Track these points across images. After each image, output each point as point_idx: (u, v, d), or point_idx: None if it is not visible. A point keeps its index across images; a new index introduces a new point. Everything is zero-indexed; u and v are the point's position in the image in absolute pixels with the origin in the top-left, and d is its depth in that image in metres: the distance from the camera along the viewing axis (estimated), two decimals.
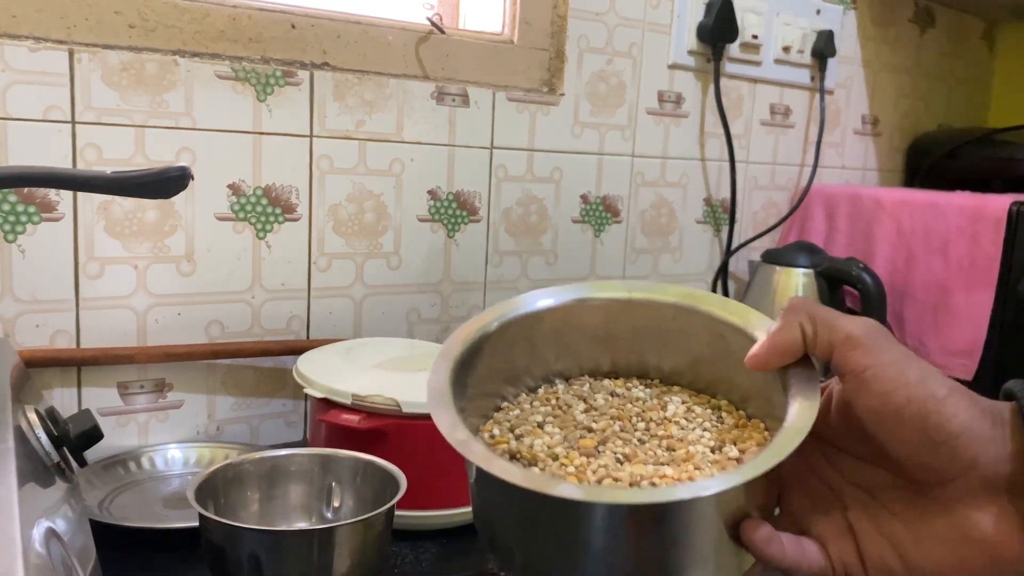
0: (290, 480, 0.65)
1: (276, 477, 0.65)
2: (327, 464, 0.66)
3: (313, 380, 0.73)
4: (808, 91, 1.30)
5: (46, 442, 0.51)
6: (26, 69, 0.74)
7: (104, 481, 0.76)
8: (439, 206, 0.98)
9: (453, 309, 1.01)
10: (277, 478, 0.65)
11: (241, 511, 0.63)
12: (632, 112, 1.12)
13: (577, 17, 1.04)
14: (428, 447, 0.69)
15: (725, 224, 1.24)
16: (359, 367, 0.76)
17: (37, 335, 0.77)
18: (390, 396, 0.69)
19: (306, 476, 0.66)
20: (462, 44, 0.96)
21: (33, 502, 0.42)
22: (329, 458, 0.66)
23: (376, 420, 0.69)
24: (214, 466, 0.62)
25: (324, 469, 0.66)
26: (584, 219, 1.10)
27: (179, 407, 0.86)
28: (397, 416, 0.69)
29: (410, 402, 0.69)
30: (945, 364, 1.07)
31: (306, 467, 0.66)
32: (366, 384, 0.71)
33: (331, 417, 0.69)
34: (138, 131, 0.79)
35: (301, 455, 0.66)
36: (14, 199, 0.75)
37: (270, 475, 0.65)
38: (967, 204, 1.06)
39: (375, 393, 0.69)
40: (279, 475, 0.65)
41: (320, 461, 0.66)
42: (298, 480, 0.66)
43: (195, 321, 0.85)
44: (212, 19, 0.81)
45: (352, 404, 0.69)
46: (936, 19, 1.47)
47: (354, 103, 0.90)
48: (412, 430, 0.69)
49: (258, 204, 0.86)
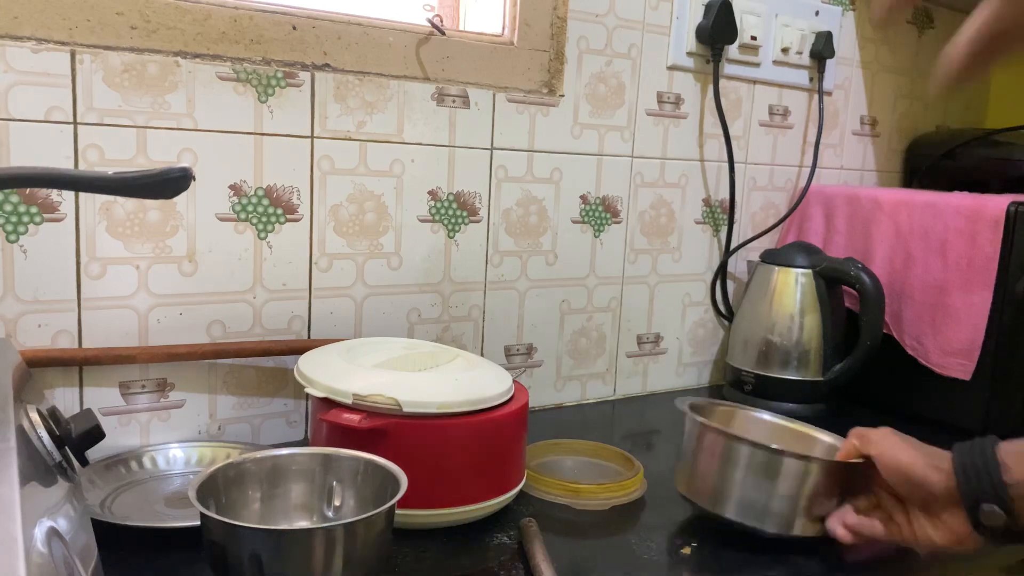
0: (291, 479, 0.66)
1: (277, 476, 0.65)
2: (328, 463, 0.66)
3: (314, 380, 0.73)
4: (807, 92, 1.30)
5: (48, 442, 0.51)
6: (28, 70, 0.74)
7: (106, 480, 0.77)
8: (439, 207, 0.98)
9: (453, 309, 1.01)
10: (278, 477, 0.65)
11: (242, 510, 0.63)
12: (631, 113, 1.12)
13: (577, 19, 1.04)
14: (428, 446, 0.70)
15: (724, 224, 1.24)
16: (359, 367, 0.76)
17: (39, 335, 0.78)
18: (391, 396, 0.69)
19: (307, 475, 0.66)
20: (462, 45, 0.97)
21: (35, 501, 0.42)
22: (330, 457, 0.66)
23: (377, 420, 0.69)
24: (215, 465, 0.62)
25: (325, 468, 0.66)
26: (584, 219, 1.10)
27: (180, 407, 0.86)
28: (398, 416, 0.69)
29: (411, 401, 0.69)
30: (943, 364, 1.07)
31: (307, 466, 0.66)
32: (367, 384, 0.71)
33: (332, 417, 0.69)
34: (140, 132, 0.80)
35: (302, 454, 0.67)
36: (16, 199, 0.75)
37: (271, 474, 0.65)
38: (965, 205, 1.06)
39: (376, 393, 0.70)
40: (280, 474, 0.65)
41: (321, 460, 0.66)
42: (299, 479, 0.66)
43: (196, 321, 0.85)
44: (213, 21, 0.81)
45: (353, 404, 0.70)
46: (935, 20, 1.47)
47: (355, 104, 0.90)
48: (412, 429, 0.69)
49: (259, 205, 0.87)
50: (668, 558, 0.71)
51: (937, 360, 1.08)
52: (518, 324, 1.07)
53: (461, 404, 0.71)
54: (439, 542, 0.71)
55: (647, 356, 1.20)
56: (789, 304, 1.12)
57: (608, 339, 1.16)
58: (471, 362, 0.82)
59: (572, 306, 1.11)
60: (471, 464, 0.72)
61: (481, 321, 1.04)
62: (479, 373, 0.78)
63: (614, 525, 0.77)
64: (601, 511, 0.79)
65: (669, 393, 1.22)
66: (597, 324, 1.14)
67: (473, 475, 0.72)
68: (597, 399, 1.16)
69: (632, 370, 1.19)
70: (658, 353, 1.21)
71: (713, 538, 0.74)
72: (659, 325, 1.21)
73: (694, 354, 1.25)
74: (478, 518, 0.74)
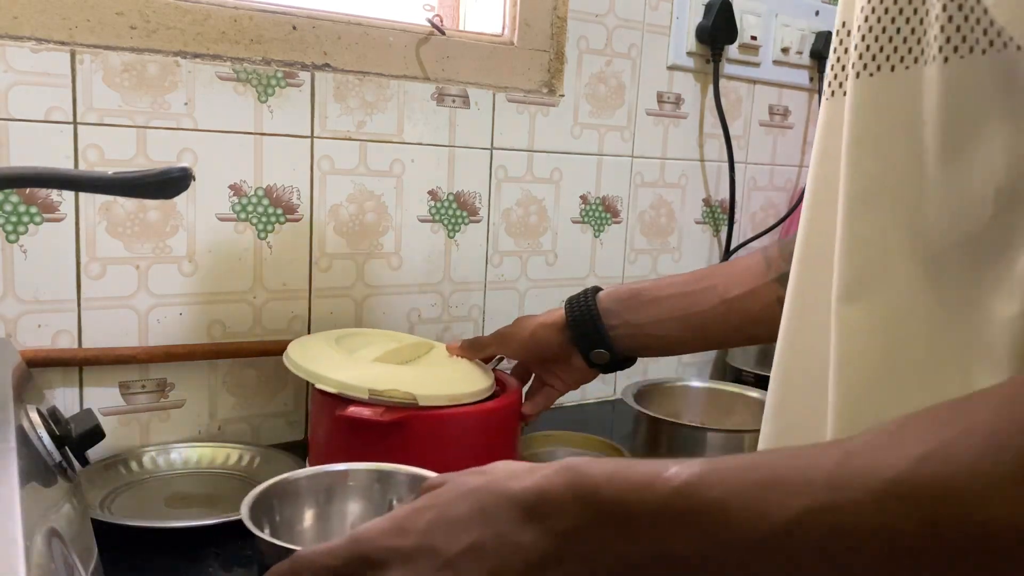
0: (348, 496, 0.64)
1: (332, 493, 0.64)
2: (386, 479, 0.65)
3: (323, 375, 0.73)
4: (807, 92, 1.30)
5: (48, 442, 0.51)
6: (28, 70, 0.74)
7: (106, 480, 0.77)
8: (439, 207, 0.98)
9: (453, 309, 1.01)
10: (333, 494, 0.64)
11: (297, 528, 0.61)
12: (631, 113, 1.12)
13: (577, 19, 1.04)
14: (442, 437, 0.72)
15: (724, 224, 1.24)
16: (361, 360, 0.77)
17: (39, 335, 0.78)
18: (407, 391, 0.71)
19: (364, 492, 0.65)
20: (462, 45, 0.97)
21: (35, 501, 0.42)
22: (387, 473, 0.65)
23: (395, 413, 0.70)
24: (267, 482, 0.61)
25: (383, 485, 0.65)
26: (584, 219, 1.10)
27: (180, 407, 0.86)
28: (413, 408, 0.71)
29: (427, 395, 0.71)
30: None
31: (364, 482, 0.65)
32: (379, 378, 0.72)
33: (352, 412, 0.69)
34: (140, 132, 0.80)
35: (358, 470, 0.65)
36: (16, 199, 0.75)
37: (328, 491, 0.64)
38: None
39: (392, 388, 0.70)
40: (336, 491, 0.64)
41: (378, 476, 0.65)
42: (356, 496, 0.65)
43: (196, 321, 0.85)
44: (213, 20, 0.81)
45: (370, 399, 0.70)
46: None
47: (355, 104, 0.90)
48: (426, 421, 0.72)
49: (259, 205, 0.87)
50: None
51: None
52: None
53: (472, 395, 0.75)
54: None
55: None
56: None
57: None
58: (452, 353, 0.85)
59: None
60: (478, 452, 0.75)
61: (481, 321, 1.04)
62: (465, 365, 0.82)
63: None
64: None
65: None
66: None
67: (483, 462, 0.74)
68: (597, 399, 1.16)
69: (632, 370, 1.19)
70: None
71: None
72: None
73: (694, 354, 1.25)
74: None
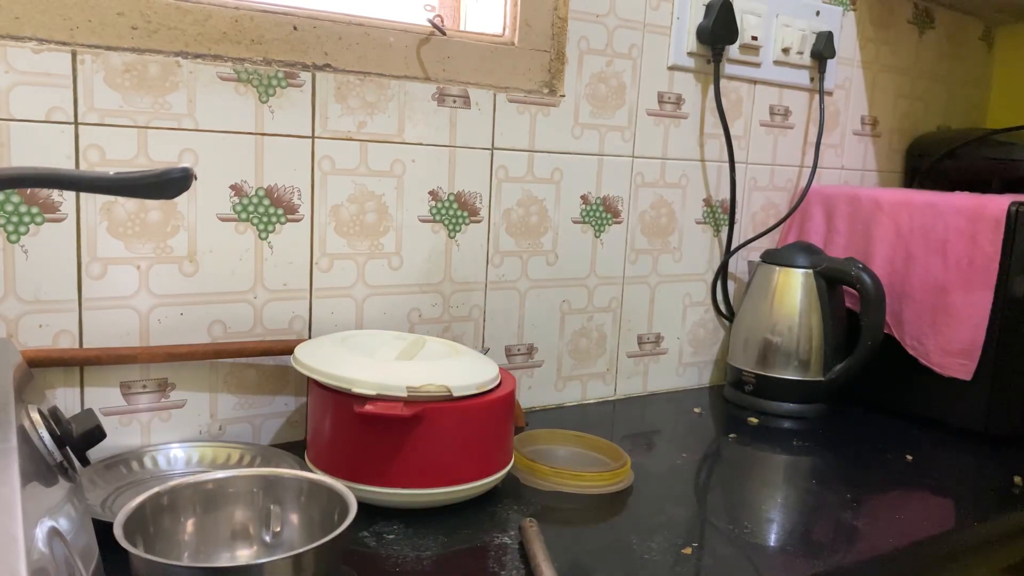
0: (229, 503, 0.62)
1: (210, 501, 0.61)
2: (268, 485, 0.63)
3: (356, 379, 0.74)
4: (807, 92, 1.30)
5: (49, 442, 0.52)
6: (29, 70, 0.74)
7: (107, 480, 0.77)
8: (440, 207, 0.98)
9: (454, 309, 1.01)
10: (211, 502, 0.61)
11: (174, 540, 0.59)
12: (632, 113, 1.12)
13: (577, 19, 1.04)
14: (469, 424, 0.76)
15: (725, 224, 1.24)
16: (381, 360, 0.79)
17: (40, 335, 0.78)
18: (442, 383, 0.74)
19: (245, 498, 0.62)
20: (463, 46, 0.97)
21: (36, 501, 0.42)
22: (268, 479, 0.63)
23: (419, 407, 0.73)
24: (144, 495, 0.58)
25: (264, 491, 0.63)
26: (584, 219, 1.10)
27: (181, 407, 0.86)
28: (447, 400, 0.74)
29: (460, 386, 0.75)
30: (944, 364, 1.07)
31: (244, 488, 0.62)
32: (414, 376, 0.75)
33: (382, 409, 0.71)
34: (141, 132, 0.80)
35: (238, 476, 0.63)
36: (17, 200, 0.75)
37: (205, 500, 0.61)
38: (966, 205, 1.06)
39: (427, 383, 0.73)
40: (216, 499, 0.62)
41: (260, 482, 0.63)
42: (236, 503, 0.62)
43: (197, 321, 0.85)
44: (214, 21, 0.81)
45: (408, 397, 0.73)
46: (935, 20, 1.47)
47: (355, 104, 0.91)
48: (453, 412, 0.75)
49: (260, 205, 0.87)
50: (668, 558, 0.71)
51: (938, 360, 1.08)
52: (519, 324, 1.07)
53: (491, 382, 0.78)
54: (439, 542, 0.71)
55: (648, 356, 1.20)
56: (790, 304, 1.12)
57: (609, 339, 1.16)
58: (451, 348, 0.87)
59: (573, 306, 1.11)
60: (486, 439, 0.78)
61: (482, 321, 1.04)
62: (466, 355, 0.84)
63: (614, 525, 0.77)
64: (602, 510, 0.79)
65: (670, 393, 1.22)
66: (598, 324, 1.14)
67: (492, 449, 0.79)
68: (598, 399, 1.16)
69: (633, 370, 1.19)
70: (659, 353, 1.21)
71: (713, 538, 0.74)
72: (660, 325, 1.21)
73: (695, 354, 1.26)
74: (479, 494, 0.79)
